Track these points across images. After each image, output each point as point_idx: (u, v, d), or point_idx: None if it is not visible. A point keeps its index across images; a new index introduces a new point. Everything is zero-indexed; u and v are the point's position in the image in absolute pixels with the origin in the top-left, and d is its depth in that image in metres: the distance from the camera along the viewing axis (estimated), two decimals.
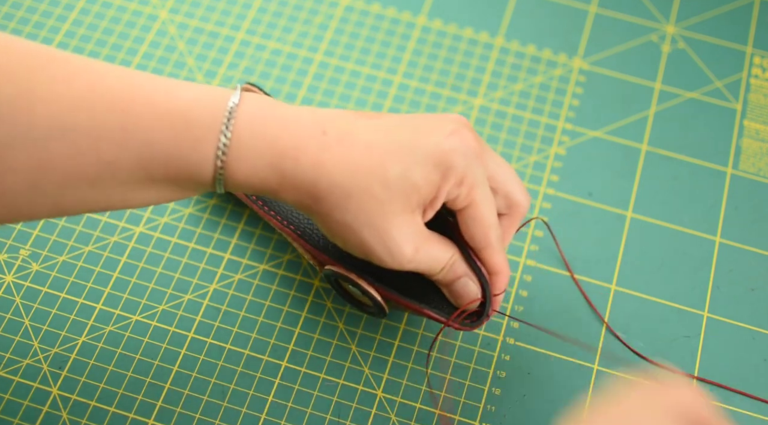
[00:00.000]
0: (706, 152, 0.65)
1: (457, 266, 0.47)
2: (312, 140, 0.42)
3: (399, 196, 0.43)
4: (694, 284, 0.59)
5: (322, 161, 0.42)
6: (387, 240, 0.44)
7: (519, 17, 0.71)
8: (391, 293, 0.49)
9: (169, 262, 0.58)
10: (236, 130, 0.41)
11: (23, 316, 0.55)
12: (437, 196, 0.44)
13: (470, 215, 0.46)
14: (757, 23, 0.72)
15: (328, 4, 0.70)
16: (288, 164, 0.42)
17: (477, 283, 0.48)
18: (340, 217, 0.43)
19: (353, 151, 0.43)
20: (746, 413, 0.55)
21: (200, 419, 0.52)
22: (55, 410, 0.52)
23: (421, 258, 0.45)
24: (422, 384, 0.55)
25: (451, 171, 0.44)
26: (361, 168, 0.43)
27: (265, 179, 0.42)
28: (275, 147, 0.42)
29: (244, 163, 0.42)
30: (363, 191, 0.43)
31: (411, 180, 0.43)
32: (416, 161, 0.43)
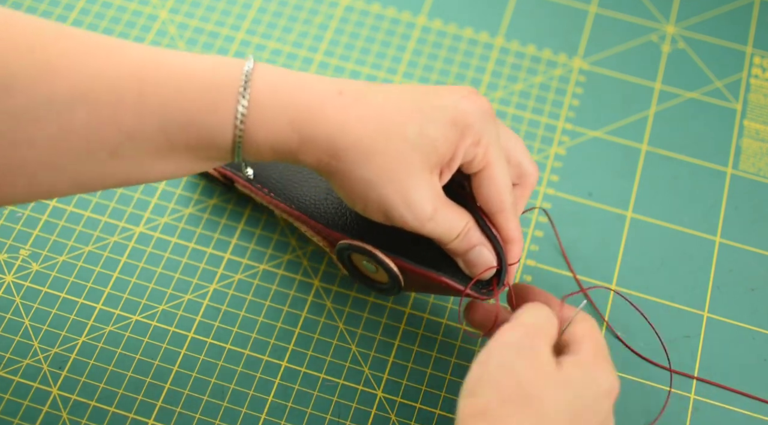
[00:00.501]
0: (706, 152, 0.65)
1: (472, 234, 0.47)
2: (329, 99, 0.43)
3: (418, 153, 0.44)
4: (694, 284, 0.59)
5: (342, 119, 0.43)
6: (408, 196, 0.44)
7: (519, 17, 0.71)
8: (407, 263, 0.49)
9: (169, 262, 0.58)
10: (254, 91, 0.42)
11: (23, 316, 0.55)
12: (455, 155, 0.45)
13: (486, 176, 0.46)
14: (757, 23, 0.72)
15: (328, 4, 0.70)
16: (308, 123, 0.42)
17: (492, 251, 0.48)
18: (361, 174, 0.43)
19: (371, 110, 0.43)
20: (746, 413, 0.55)
21: (200, 419, 0.52)
22: (55, 410, 0.52)
23: (440, 219, 0.45)
24: (422, 384, 0.55)
25: (468, 130, 0.44)
26: (381, 125, 0.43)
27: (285, 141, 0.43)
28: (294, 107, 0.42)
29: (264, 124, 0.42)
30: (384, 147, 0.43)
31: (429, 137, 0.44)
32: (433, 119, 0.44)
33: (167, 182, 0.61)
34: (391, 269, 0.49)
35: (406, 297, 0.57)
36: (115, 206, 0.59)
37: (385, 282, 0.51)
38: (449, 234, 0.46)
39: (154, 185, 0.60)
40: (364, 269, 0.52)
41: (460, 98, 0.45)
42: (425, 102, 0.45)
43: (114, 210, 0.59)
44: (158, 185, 0.60)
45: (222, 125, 0.41)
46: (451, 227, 0.46)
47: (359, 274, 0.53)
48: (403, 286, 0.50)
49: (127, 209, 0.59)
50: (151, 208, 0.60)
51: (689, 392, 0.55)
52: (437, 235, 0.46)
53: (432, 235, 0.46)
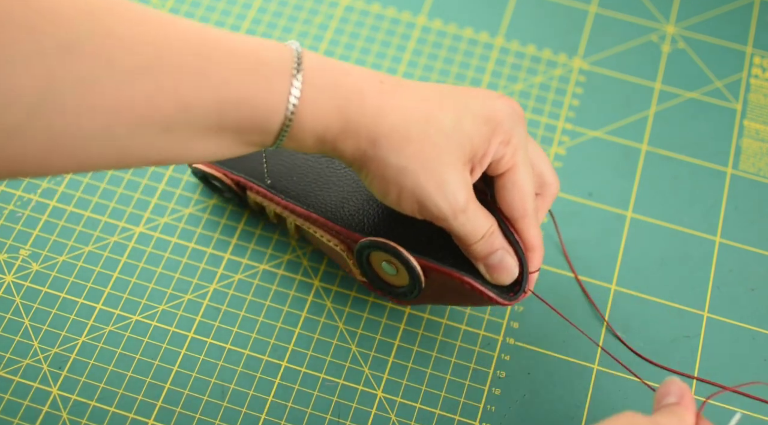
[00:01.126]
0: (706, 152, 0.65)
1: (495, 238, 0.47)
2: (371, 86, 0.44)
3: (453, 145, 0.44)
4: (694, 284, 0.59)
5: (384, 105, 0.43)
6: (443, 184, 0.44)
7: (519, 17, 0.71)
8: (431, 262, 0.48)
9: (169, 262, 0.58)
10: (305, 73, 0.42)
11: (23, 316, 0.55)
12: (487, 152, 0.45)
13: (511, 179, 0.47)
14: (757, 23, 0.72)
15: (328, 4, 0.70)
16: (353, 107, 0.43)
17: (514, 257, 0.48)
18: (397, 161, 0.44)
19: (409, 99, 0.44)
20: (746, 413, 0.55)
21: (200, 419, 0.52)
22: (55, 410, 0.52)
23: (470, 214, 0.45)
24: (422, 384, 0.55)
25: (500, 128, 0.45)
26: (418, 115, 0.44)
27: (329, 125, 0.43)
28: (340, 90, 0.43)
29: (313, 105, 0.42)
30: (420, 135, 0.44)
31: (464, 130, 0.44)
32: (469, 114, 0.45)
33: (167, 182, 0.61)
34: (414, 267, 0.48)
35: None
36: (115, 206, 0.59)
37: (403, 286, 0.51)
38: (475, 233, 0.46)
39: (154, 184, 0.60)
40: (382, 272, 0.51)
41: (495, 98, 0.46)
42: (460, 98, 0.46)
43: (114, 210, 0.59)
44: (158, 184, 0.61)
45: (276, 103, 0.42)
46: (480, 225, 0.46)
47: (376, 278, 0.52)
48: (423, 288, 0.50)
49: (127, 209, 0.59)
50: (151, 208, 0.60)
51: None
52: (465, 232, 0.46)
53: (460, 232, 0.46)
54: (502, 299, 0.48)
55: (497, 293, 0.48)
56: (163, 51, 0.39)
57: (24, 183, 0.60)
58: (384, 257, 0.50)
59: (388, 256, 0.49)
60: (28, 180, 0.60)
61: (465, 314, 0.57)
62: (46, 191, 0.60)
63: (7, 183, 0.60)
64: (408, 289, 0.51)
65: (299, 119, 0.42)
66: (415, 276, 0.49)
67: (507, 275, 0.48)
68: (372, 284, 0.53)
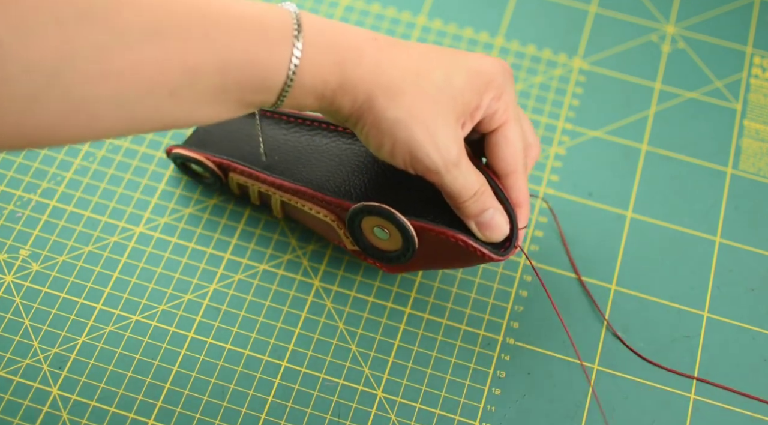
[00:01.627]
0: (706, 152, 0.65)
1: (486, 197, 0.48)
2: (367, 43, 0.46)
3: (445, 98, 0.46)
4: (694, 284, 0.59)
5: (380, 60, 0.45)
6: (435, 136, 0.45)
7: (519, 17, 0.71)
8: (424, 222, 0.49)
9: (169, 262, 0.58)
10: (305, 34, 0.44)
11: (23, 316, 0.55)
12: (478, 105, 0.47)
13: (503, 134, 0.48)
14: (757, 23, 0.72)
15: (328, 4, 0.70)
16: (350, 63, 0.45)
17: (504, 215, 0.49)
18: (391, 113, 0.45)
19: (402, 55, 0.46)
20: (746, 413, 0.55)
21: (200, 419, 0.52)
22: (55, 410, 0.52)
23: (463, 169, 0.47)
24: (422, 384, 0.55)
25: (492, 84, 0.47)
26: (411, 69, 0.46)
27: (328, 82, 0.45)
28: (339, 48, 0.45)
29: (313, 64, 0.44)
30: (415, 89, 0.45)
31: (455, 84, 0.46)
32: (460, 69, 0.47)
33: (167, 183, 0.61)
34: (408, 228, 0.49)
35: (406, 297, 0.57)
36: (115, 206, 0.59)
37: (396, 249, 0.51)
38: (467, 190, 0.47)
39: (154, 184, 0.60)
40: (374, 238, 0.52)
41: (485, 56, 0.48)
42: (452, 55, 0.47)
43: (114, 210, 0.59)
44: (158, 184, 0.61)
45: (278, 62, 0.43)
46: (471, 182, 0.47)
47: (368, 246, 0.52)
48: (416, 250, 0.50)
49: (127, 209, 0.59)
50: (151, 208, 0.60)
51: (689, 392, 0.55)
52: (456, 189, 0.47)
53: (452, 188, 0.47)
54: (495, 255, 0.49)
55: (490, 249, 0.49)
56: (170, 16, 0.41)
57: (24, 183, 0.60)
58: (376, 221, 0.50)
59: (381, 220, 0.50)
60: (28, 180, 0.60)
61: (465, 314, 0.57)
62: (46, 191, 0.60)
63: (7, 183, 0.60)
64: (401, 252, 0.51)
65: (300, 78, 0.44)
66: (408, 237, 0.50)
67: (499, 233, 0.49)
68: (364, 252, 0.53)
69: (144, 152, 0.62)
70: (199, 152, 0.57)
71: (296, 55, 0.43)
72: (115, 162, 0.61)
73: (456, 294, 0.58)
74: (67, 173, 0.61)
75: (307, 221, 0.56)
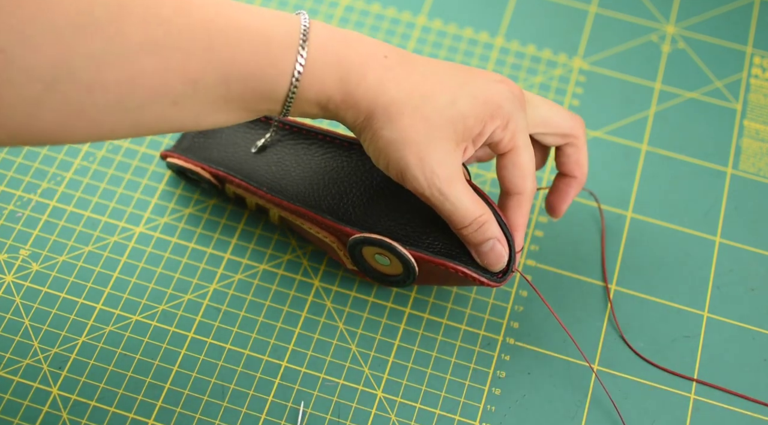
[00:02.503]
0: (706, 152, 0.65)
1: (487, 227, 0.48)
2: (375, 60, 0.46)
3: (445, 121, 0.46)
4: (694, 284, 0.59)
5: (385, 79, 0.46)
6: (424, 158, 0.46)
7: (519, 17, 0.71)
8: (424, 254, 0.50)
9: (169, 262, 0.58)
10: (310, 48, 0.44)
11: (23, 316, 0.55)
12: (482, 132, 0.47)
13: (511, 160, 0.49)
14: (757, 23, 0.72)
15: (328, 4, 0.70)
16: (354, 80, 0.45)
17: (505, 246, 0.49)
18: (387, 133, 0.46)
19: (412, 75, 0.46)
20: (746, 413, 0.55)
21: (200, 419, 0.52)
22: (55, 410, 0.52)
23: (452, 194, 0.47)
24: (422, 384, 0.55)
25: (499, 111, 0.47)
26: (417, 90, 0.46)
27: (332, 96, 0.45)
28: (344, 64, 0.45)
29: (316, 78, 0.44)
30: (414, 111, 0.45)
31: (459, 109, 0.46)
32: (466, 94, 0.47)
33: (167, 183, 0.61)
34: (409, 260, 0.50)
35: (406, 297, 0.57)
36: (115, 206, 0.59)
37: (397, 274, 0.52)
38: (460, 217, 0.47)
39: (154, 184, 0.60)
40: (375, 263, 0.52)
41: (496, 81, 0.48)
42: (462, 78, 0.47)
43: (114, 210, 0.59)
44: (158, 184, 0.60)
45: (280, 76, 0.44)
46: (464, 208, 0.47)
47: (369, 268, 0.53)
48: (416, 277, 0.51)
49: (127, 209, 0.59)
50: (151, 208, 0.60)
51: (689, 392, 0.55)
52: (450, 213, 0.47)
53: (445, 211, 0.47)
54: (493, 282, 0.50)
55: (488, 278, 0.50)
56: (173, 29, 0.41)
57: (24, 183, 0.60)
58: (377, 250, 0.51)
59: (382, 250, 0.50)
60: (28, 180, 0.60)
61: (465, 314, 0.57)
62: (46, 191, 0.60)
63: (7, 183, 0.60)
64: (402, 278, 0.52)
65: (303, 91, 0.44)
66: (409, 268, 0.50)
67: (498, 263, 0.49)
68: (365, 274, 0.54)
69: (144, 152, 0.62)
70: (194, 162, 0.56)
71: (298, 70, 0.44)
72: (115, 162, 0.61)
73: (456, 294, 0.58)
74: (67, 173, 0.61)
75: (305, 235, 0.56)
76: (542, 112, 0.51)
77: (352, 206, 0.52)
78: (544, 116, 0.51)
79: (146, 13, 0.40)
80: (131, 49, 0.40)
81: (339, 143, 0.55)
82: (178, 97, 0.42)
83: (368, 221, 0.51)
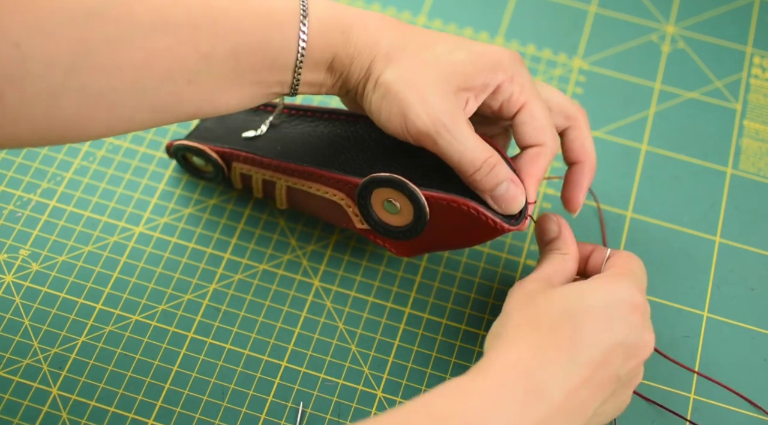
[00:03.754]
0: (706, 152, 0.65)
1: (498, 169, 0.48)
2: (375, 16, 0.48)
3: (445, 68, 0.47)
4: (694, 284, 0.59)
5: (384, 30, 0.48)
6: (425, 97, 0.46)
7: (519, 17, 0.71)
8: (436, 192, 0.49)
9: (169, 262, 0.58)
10: (312, 9, 0.46)
11: (23, 316, 0.55)
12: (484, 84, 0.47)
13: (528, 113, 0.49)
14: (757, 23, 0.72)
15: None
16: (355, 32, 0.47)
17: (520, 185, 0.48)
18: (388, 76, 0.47)
19: (411, 29, 0.49)
20: (746, 413, 0.55)
21: (200, 419, 0.52)
22: (55, 410, 0.52)
23: (458, 133, 0.46)
24: (422, 384, 0.55)
25: (499, 66, 0.48)
26: (416, 40, 0.48)
27: (337, 52, 0.47)
28: (345, 20, 0.47)
29: (322, 35, 0.46)
30: (414, 55, 0.47)
31: (458, 56, 0.47)
32: (465, 47, 0.48)
33: (167, 183, 0.61)
34: (419, 198, 0.49)
35: (406, 297, 0.57)
36: (115, 206, 0.59)
37: (407, 224, 0.51)
38: (470, 159, 0.47)
39: (154, 184, 0.60)
40: (384, 213, 0.51)
41: (492, 45, 0.49)
42: (459, 38, 0.49)
43: (114, 210, 0.59)
44: (158, 184, 0.61)
45: (286, 40, 0.46)
46: (471, 148, 0.47)
47: (378, 223, 0.52)
48: (427, 222, 0.50)
49: (127, 209, 0.59)
50: (151, 208, 0.60)
51: (689, 392, 0.55)
52: (455, 155, 0.47)
53: (449, 153, 0.47)
54: (507, 224, 0.48)
55: (502, 219, 0.48)
56: (179, 7, 0.43)
57: (24, 183, 0.60)
58: (386, 194, 0.50)
59: (391, 191, 0.50)
60: (28, 180, 0.60)
61: (465, 314, 0.57)
62: (46, 191, 0.60)
63: (7, 183, 0.60)
64: (412, 226, 0.51)
65: (310, 52, 0.46)
66: (420, 207, 0.49)
67: (515, 204, 0.48)
68: (374, 230, 0.53)
69: (144, 152, 0.62)
70: (202, 143, 0.57)
71: (304, 31, 0.45)
72: (115, 162, 0.61)
73: (456, 294, 0.58)
74: (67, 173, 0.61)
75: (313, 208, 0.55)
76: (546, 91, 0.52)
77: (360, 167, 0.52)
78: (548, 95, 0.52)
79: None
80: (143, 29, 0.42)
81: (344, 119, 0.55)
82: (191, 74, 0.44)
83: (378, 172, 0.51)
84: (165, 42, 0.42)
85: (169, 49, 0.43)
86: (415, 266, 0.59)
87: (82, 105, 0.42)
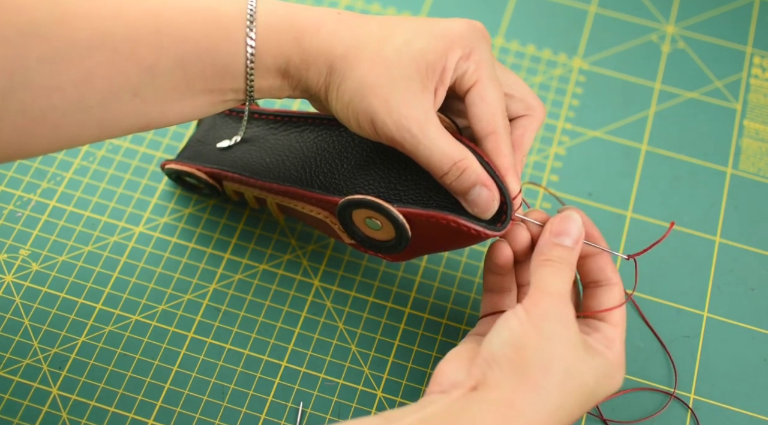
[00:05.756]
0: (706, 152, 0.65)
1: (470, 173, 0.46)
2: (329, 16, 0.46)
3: (407, 62, 0.45)
4: (694, 284, 0.59)
5: (339, 31, 0.45)
6: (391, 103, 0.44)
7: (519, 17, 0.71)
8: (413, 209, 0.48)
9: (169, 262, 0.58)
10: (261, 15, 0.44)
11: (23, 316, 0.55)
12: (445, 67, 0.45)
13: (478, 94, 0.46)
14: (757, 23, 0.72)
15: (328, 4, 0.70)
16: (308, 37, 0.45)
17: (492, 190, 0.46)
18: (351, 84, 0.45)
19: (368, 24, 0.46)
20: (746, 413, 0.55)
21: (200, 419, 0.52)
22: (55, 410, 0.52)
23: (425, 136, 0.45)
24: (422, 384, 0.55)
25: (457, 42, 0.45)
26: (373, 36, 0.45)
27: (290, 57, 0.45)
28: (296, 24, 0.45)
29: (272, 42, 0.44)
30: (372, 54, 0.45)
31: (418, 46, 0.45)
32: (424, 32, 0.45)
33: (167, 182, 0.61)
34: (397, 217, 0.48)
35: (406, 297, 0.57)
36: (115, 206, 0.59)
37: (390, 239, 0.50)
38: (440, 162, 0.45)
39: (154, 184, 0.60)
40: (367, 229, 0.51)
41: (456, 20, 0.47)
42: (419, 21, 0.47)
43: (114, 210, 0.59)
44: (158, 184, 0.61)
45: (234, 47, 0.44)
46: (441, 151, 0.45)
47: (364, 238, 0.52)
48: (410, 238, 0.49)
49: (127, 209, 0.59)
50: (151, 208, 0.60)
51: (689, 392, 0.55)
52: (423, 157, 0.45)
53: (418, 156, 0.45)
54: (491, 231, 0.47)
55: (485, 226, 0.47)
56: (119, 21, 0.41)
57: (24, 183, 0.60)
58: (365, 213, 0.49)
59: (369, 211, 0.49)
60: (28, 180, 0.60)
61: (465, 314, 0.57)
62: (46, 191, 0.60)
63: (7, 183, 0.60)
64: (396, 241, 0.50)
65: (261, 58, 0.44)
66: (399, 226, 0.49)
67: (486, 210, 0.46)
68: (362, 245, 0.52)
69: (144, 152, 0.62)
70: (191, 165, 0.56)
71: (251, 37, 0.44)
72: (115, 162, 0.61)
73: (456, 294, 0.58)
74: (67, 173, 0.61)
75: (306, 220, 0.56)
76: (512, 78, 0.49)
77: (343, 179, 0.51)
78: (514, 81, 0.49)
79: (90, 10, 0.41)
80: (80, 47, 0.40)
81: (328, 123, 0.54)
82: (136, 87, 0.42)
83: (357, 189, 0.50)
84: (104, 58, 0.41)
85: (110, 65, 0.41)
86: (415, 266, 0.59)
87: (23, 125, 0.40)
